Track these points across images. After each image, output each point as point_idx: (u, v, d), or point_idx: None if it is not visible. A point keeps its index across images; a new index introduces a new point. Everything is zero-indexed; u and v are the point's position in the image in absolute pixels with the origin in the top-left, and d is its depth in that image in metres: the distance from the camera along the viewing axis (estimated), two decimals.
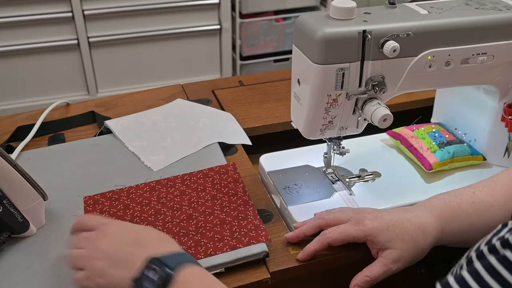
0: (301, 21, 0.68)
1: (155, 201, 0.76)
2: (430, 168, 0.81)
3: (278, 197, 0.79)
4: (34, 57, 2.16)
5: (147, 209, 0.75)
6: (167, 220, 0.72)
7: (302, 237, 0.70)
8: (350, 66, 0.66)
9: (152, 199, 0.77)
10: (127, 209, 0.75)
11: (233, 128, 0.95)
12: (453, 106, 0.90)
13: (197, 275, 0.54)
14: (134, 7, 2.17)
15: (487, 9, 0.72)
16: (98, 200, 0.76)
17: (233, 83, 1.15)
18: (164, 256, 0.54)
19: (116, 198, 0.77)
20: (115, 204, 0.76)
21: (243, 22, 2.34)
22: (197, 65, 2.41)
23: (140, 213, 0.74)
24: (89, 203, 0.76)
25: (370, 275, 0.64)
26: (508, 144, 0.83)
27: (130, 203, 0.76)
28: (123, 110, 1.02)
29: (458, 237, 0.67)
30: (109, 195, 0.77)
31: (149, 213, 0.74)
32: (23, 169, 0.68)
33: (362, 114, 0.71)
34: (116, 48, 2.25)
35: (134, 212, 0.74)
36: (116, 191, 0.78)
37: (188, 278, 0.52)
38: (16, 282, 0.64)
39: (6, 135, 0.94)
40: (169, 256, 0.54)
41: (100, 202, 0.76)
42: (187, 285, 0.52)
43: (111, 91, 2.31)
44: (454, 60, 0.71)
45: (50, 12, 2.07)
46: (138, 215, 0.73)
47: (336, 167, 0.84)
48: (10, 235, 0.68)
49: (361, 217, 0.67)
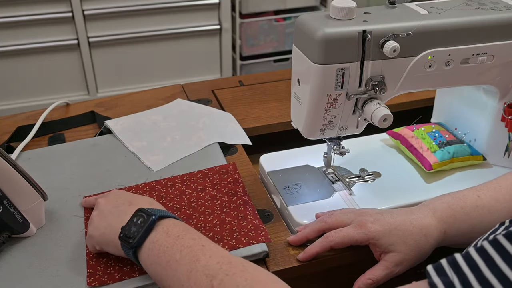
0: (301, 21, 0.68)
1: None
2: (430, 168, 0.81)
3: (278, 197, 0.79)
4: (34, 57, 2.16)
5: None
6: None
7: (304, 241, 0.70)
8: (350, 66, 0.66)
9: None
10: None
11: (233, 128, 0.95)
12: (453, 106, 0.90)
13: (178, 224, 0.60)
14: (134, 7, 2.17)
15: (487, 9, 0.72)
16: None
17: (233, 83, 1.15)
18: (151, 208, 0.61)
19: None
20: None
21: (243, 22, 2.35)
22: (197, 65, 2.42)
23: None
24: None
25: (373, 278, 0.64)
26: (508, 144, 0.83)
27: None
28: (123, 110, 1.02)
29: (460, 239, 0.67)
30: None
31: None
32: (23, 169, 0.68)
33: (362, 114, 0.71)
34: (116, 48, 2.25)
35: None
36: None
37: (169, 225, 0.59)
38: (16, 282, 0.64)
39: (6, 135, 0.94)
40: (156, 210, 0.61)
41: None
42: (167, 229, 0.59)
43: (111, 91, 2.31)
44: (454, 60, 0.71)
45: (50, 12, 2.08)
46: None
47: (336, 167, 0.84)
48: (10, 235, 0.68)
49: (363, 220, 0.67)
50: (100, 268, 0.65)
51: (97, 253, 0.67)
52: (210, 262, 0.53)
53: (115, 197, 0.68)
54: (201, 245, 0.56)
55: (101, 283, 0.63)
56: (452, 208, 0.67)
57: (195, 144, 0.90)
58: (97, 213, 0.66)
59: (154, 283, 0.63)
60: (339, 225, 0.68)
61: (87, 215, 0.74)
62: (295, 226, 0.74)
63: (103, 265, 0.65)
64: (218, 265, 0.53)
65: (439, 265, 0.46)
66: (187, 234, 0.58)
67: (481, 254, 0.44)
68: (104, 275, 0.64)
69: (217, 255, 0.55)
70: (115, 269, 0.65)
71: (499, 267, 0.42)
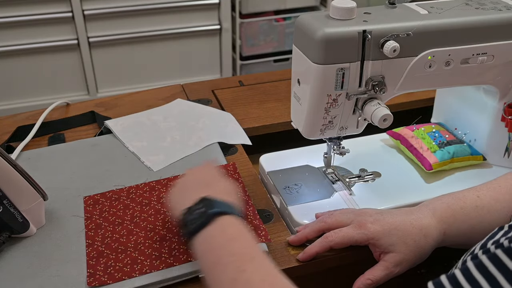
0: (301, 21, 0.68)
1: (155, 201, 0.76)
2: (430, 168, 0.81)
3: (278, 197, 0.79)
4: (34, 57, 2.16)
5: (147, 209, 0.75)
6: (166, 220, 0.72)
7: (304, 241, 0.70)
8: (350, 66, 0.66)
9: (152, 199, 0.77)
10: (127, 209, 0.75)
11: (233, 128, 0.95)
12: (453, 106, 0.90)
13: (236, 224, 0.59)
14: (134, 7, 2.17)
15: (487, 9, 0.72)
16: (98, 200, 0.76)
17: (233, 83, 1.15)
18: (216, 200, 0.60)
19: (116, 198, 0.77)
20: (115, 204, 0.76)
21: (243, 22, 2.34)
22: (197, 65, 2.41)
23: (140, 213, 0.74)
24: (89, 203, 0.76)
25: (372, 278, 0.64)
26: (508, 144, 0.83)
27: (130, 203, 0.76)
28: (123, 110, 1.02)
29: (460, 239, 0.67)
30: (109, 195, 0.77)
31: (149, 213, 0.74)
32: (23, 169, 0.68)
33: (362, 114, 0.71)
34: (116, 48, 2.25)
35: (134, 212, 0.74)
36: (116, 191, 0.78)
37: (227, 223, 0.58)
38: (16, 282, 0.64)
39: (6, 135, 0.94)
40: (221, 203, 0.60)
41: (100, 202, 0.76)
42: (223, 228, 0.58)
43: (111, 91, 2.31)
44: (454, 60, 0.71)
45: (50, 12, 2.08)
46: (138, 215, 0.74)
47: (336, 167, 0.84)
48: (10, 235, 0.68)
49: (363, 220, 0.66)
50: (100, 268, 0.65)
51: (97, 253, 0.67)
52: (255, 278, 0.52)
53: (203, 172, 0.68)
54: (251, 257, 0.55)
55: (101, 283, 0.63)
56: (452, 208, 0.67)
57: (195, 144, 0.90)
58: (181, 181, 0.68)
59: (154, 283, 0.64)
60: (338, 225, 0.68)
61: (87, 215, 0.74)
62: (295, 226, 0.74)
63: (103, 265, 0.65)
64: (261, 283, 0.51)
65: (439, 281, 0.45)
66: (241, 238, 0.57)
67: (482, 272, 0.43)
68: (104, 275, 0.64)
69: (263, 272, 0.53)
70: (115, 269, 0.65)
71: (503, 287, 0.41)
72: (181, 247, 0.68)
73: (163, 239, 0.69)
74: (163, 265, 0.65)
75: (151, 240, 0.69)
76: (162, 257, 0.66)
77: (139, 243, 0.69)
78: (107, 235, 0.70)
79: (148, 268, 0.65)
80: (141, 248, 0.68)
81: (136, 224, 0.72)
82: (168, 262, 0.66)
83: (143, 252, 0.67)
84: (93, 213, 0.74)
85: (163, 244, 0.68)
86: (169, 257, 0.66)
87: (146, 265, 0.65)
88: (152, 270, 0.65)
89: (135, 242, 0.69)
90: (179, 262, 0.66)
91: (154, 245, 0.68)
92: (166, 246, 0.68)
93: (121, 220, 0.73)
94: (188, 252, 0.67)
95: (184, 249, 0.67)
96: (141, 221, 0.72)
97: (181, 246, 0.68)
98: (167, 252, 0.67)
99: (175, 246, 0.68)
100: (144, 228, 0.71)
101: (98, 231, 0.71)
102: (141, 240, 0.69)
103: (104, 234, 0.70)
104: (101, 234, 0.70)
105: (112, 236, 0.70)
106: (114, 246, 0.68)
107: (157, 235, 0.70)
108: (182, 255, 0.67)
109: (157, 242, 0.69)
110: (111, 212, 0.74)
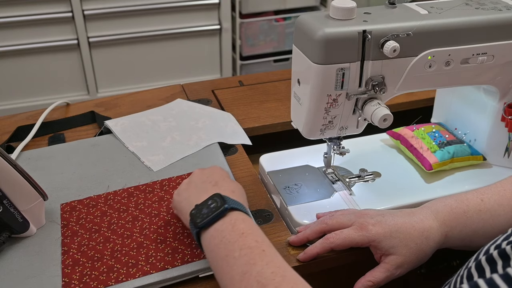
0: (301, 21, 0.68)
1: (133, 207, 0.75)
2: (430, 168, 0.81)
3: (278, 197, 0.79)
4: (34, 57, 2.16)
5: (125, 215, 0.73)
6: (144, 227, 0.71)
7: (305, 242, 0.70)
8: (350, 66, 0.66)
9: (130, 205, 0.75)
10: (104, 215, 0.73)
11: (233, 128, 0.95)
12: (453, 106, 0.90)
13: (247, 221, 0.60)
14: (134, 7, 2.17)
15: (487, 9, 0.72)
16: (75, 206, 0.75)
17: (233, 83, 1.15)
18: (228, 197, 0.62)
19: (94, 205, 0.75)
20: (92, 211, 0.74)
21: (243, 22, 2.35)
22: (197, 65, 2.42)
23: (117, 219, 0.73)
24: (66, 209, 0.75)
25: (373, 280, 0.64)
26: (508, 144, 0.83)
27: (107, 210, 0.74)
28: (123, 110, 1.02)
29: (461, 242, 0.67)
30: (86, 201, 0.76)
31: (127, 219, 0.73)
32: (23, 169, 0.68)
33: (362, 114, 0.71)
34: (116, 48, 2.25)
35: (112, 219, 0.73)
36: (93, 197, 0.77)
37: (237, 218, 0.60)
38: (16, 282, 0.64)
39: (6, 135, 0.94)
40: (231, 200, 0.61)
41: (77, 208, 0.75)
42: (234, 222, 0.59)
43: (111, 91, 2.31)
44: (454, 60, 0.71)
45: (50, 12, 2.08)
46: (115, 221, 0.72)
47: (336, 167, 0.84)
48: (10, 235, 0.68)
49: (364, 222, 0.66)
50: (76, 277, 0.64)
51: (73, 261, 0.66)
52: (266, 270, 0.52)
53: (210, 172, 0.69)
54: (262, 250, 0.55)
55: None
56: (455, 211, 0.66)
57: (195, 144, 0.90)
58: (188, 181, 0.69)
59: (154, 284, 0.63)
60: (339, 227, 0.68)
61: (63, 222, 0.72)
62: (295, 226, 0.74)
63: (78, 274, 0.64)
64: (272, 275, 0.52)
65: None
66: (251, 233, 0.58)
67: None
68: (79, 284, 0.63)
69: (274, 265, 0.53)
70: (90, 277, 0.64)
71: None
72: (158, 254, 0.67)
73: (140, 246, 0.68)
74: (139, 273, 0.64)
75: (128, 247, 0.68)
76: (139, 265, 0.65)
77: (115, 251, 0.68)
78: (83, 243, 0.69)
79: (124, 276, 0.64)
80: (117, 256, 0.67)
81: (113, 231, 0.71)
82: (145, 270, 0.65)
83: (119, 260, 0.66)
84: (70, 220, 0.73)
85: (140, 252, 0.67)
86: (146, 265, 0.65)
87: (122, 273, 0.64)
88: (128, 278, 0.64)
89: (112, 250, 0.68)
90: (156, 270, 0.65)
91: (131, 253, 0.67)
92: (143, 253, 0.67)
93: (98, 227, 0.71)
94: (165, 259, 0.66)
95: (161, 256, 0.67)
96: (118, 228, 0.71)
97: (158, 254, 0.67)
98: (144, 260, 0.66)
99: (152, 253, 0.67)
100: (121, 235, 0.70)
101: (75, 238, 0.70)
102: (117, 247, 0.68)
103: (81, 242, 0.69)
104: (77, 242, 0.69)
105: (88, 243, 0.69)
106: (90, 254, 0.67)
107: (134, 242, 0.69)
108: (159, 262, 0.66)
109: (134, 249, 0.68)
110: (88, 219, 0.73)
